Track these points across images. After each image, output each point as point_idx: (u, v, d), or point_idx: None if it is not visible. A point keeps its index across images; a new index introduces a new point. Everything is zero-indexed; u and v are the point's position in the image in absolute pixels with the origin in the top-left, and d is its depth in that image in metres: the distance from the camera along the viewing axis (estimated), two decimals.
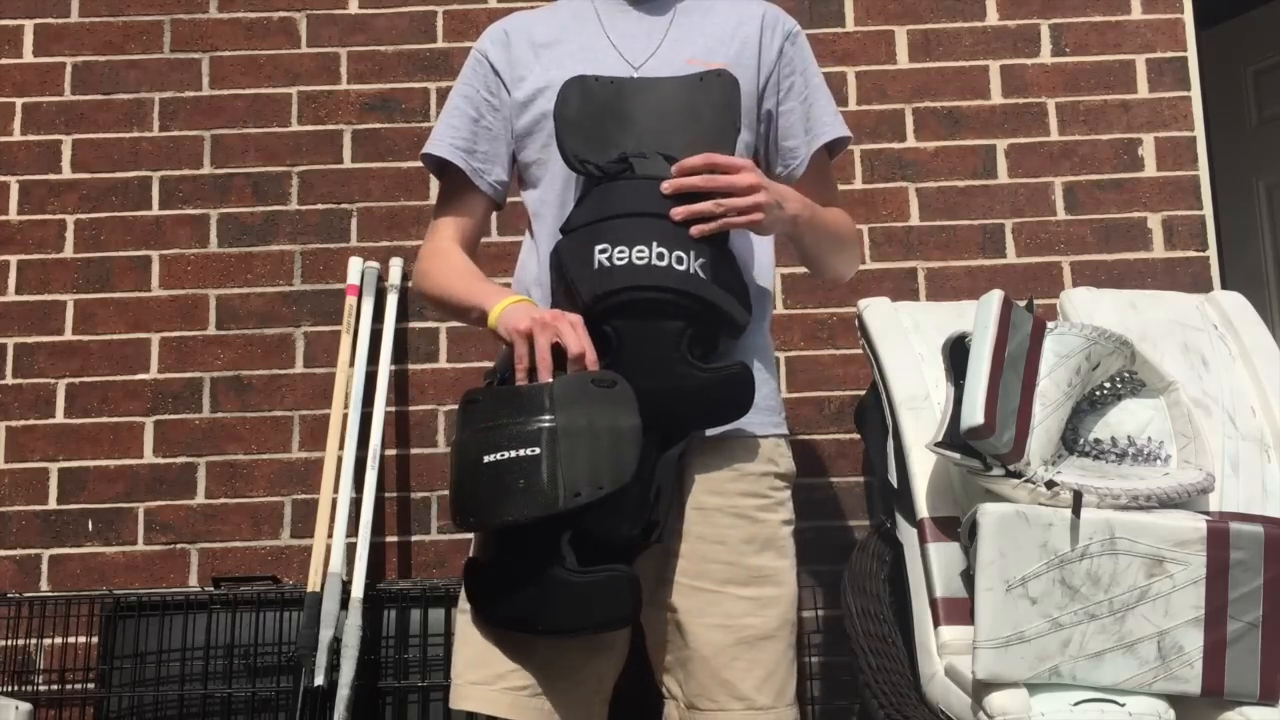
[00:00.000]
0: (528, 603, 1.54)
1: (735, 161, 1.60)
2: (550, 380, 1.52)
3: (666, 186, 1.58)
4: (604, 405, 1.51)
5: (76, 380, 2.75)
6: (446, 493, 2.66)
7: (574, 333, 1.54)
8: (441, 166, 1.82)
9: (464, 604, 1.70)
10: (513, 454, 1.50)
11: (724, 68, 1.71)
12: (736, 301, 1.61)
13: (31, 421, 2.74)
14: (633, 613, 1.57)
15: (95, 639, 2.54)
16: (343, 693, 2.28)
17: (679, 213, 1.57)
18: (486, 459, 1.51)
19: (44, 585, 2.66)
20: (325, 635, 2.33)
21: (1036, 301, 2.16)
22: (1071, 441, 2.02)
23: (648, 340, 1.56)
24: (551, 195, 1.75)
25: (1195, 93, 2.86)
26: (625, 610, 1.55)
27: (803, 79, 1.82)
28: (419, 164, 1.89)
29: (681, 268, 1.55)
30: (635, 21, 1.79)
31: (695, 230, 1.57)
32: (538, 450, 1.49)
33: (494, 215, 2.11)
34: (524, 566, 1.54)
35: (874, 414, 2.23)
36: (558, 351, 1.54)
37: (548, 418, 1.50)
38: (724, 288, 1.59)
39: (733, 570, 1.64)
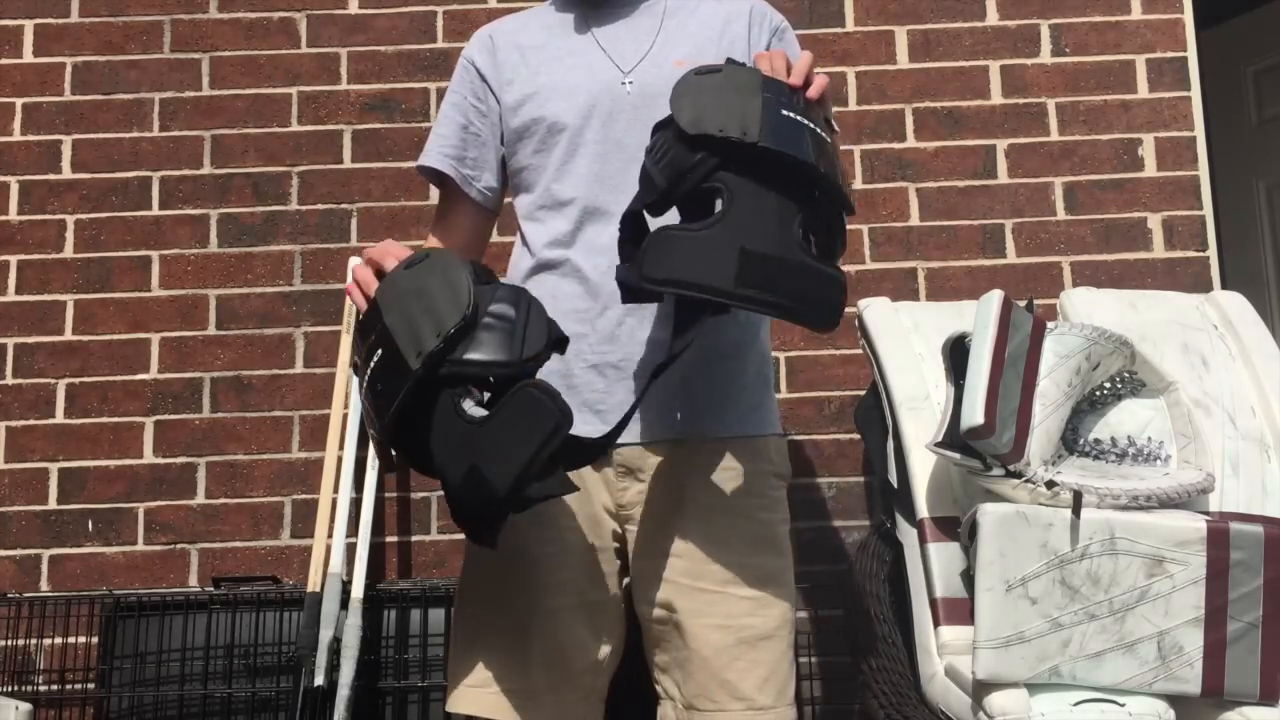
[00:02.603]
0: (469, 477, 1.43)
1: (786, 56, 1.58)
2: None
3: (794, 77, 1.53)
4: (424, 273, 1.49)
5: (76, 380, 2.75)
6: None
7: (379, 250, 1.54)
8: (438, 176, 1.83)
9: (459, 606, 1.70)
10: (370, 368, 1.48)
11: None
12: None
13: (31, 421, 2.74)
14: (563, 416, 1.41)
15: (95, 639, 2.54)
16: (343, 693, 2.28)
17: (796, 79, 1.52)
18: (364, 385, 1.50)
19: (44, 585, 2.66)
20: (325, 635, 2.33)
21: (1036, 301, 2.16)
22: (1071, 441, 2.03)
23: (765, 203, 1.46)
24: (543, 200, 1.74)
25: (1195, 93, 2.86)
26: (555, 417, 1.40)
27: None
28: (417, 162, 1.89)
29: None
30: (622, 25, 1.79)
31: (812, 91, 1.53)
32: (380, 350, 1.47)
33: None
34: (441, 445, 1.45)
35: (874, 414, 2.23)
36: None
37: (379, 319, 1.48)
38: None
39: (733, 571, 1.64)
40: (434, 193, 2.75)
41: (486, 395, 1.51)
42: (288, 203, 2.82)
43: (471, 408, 1.44)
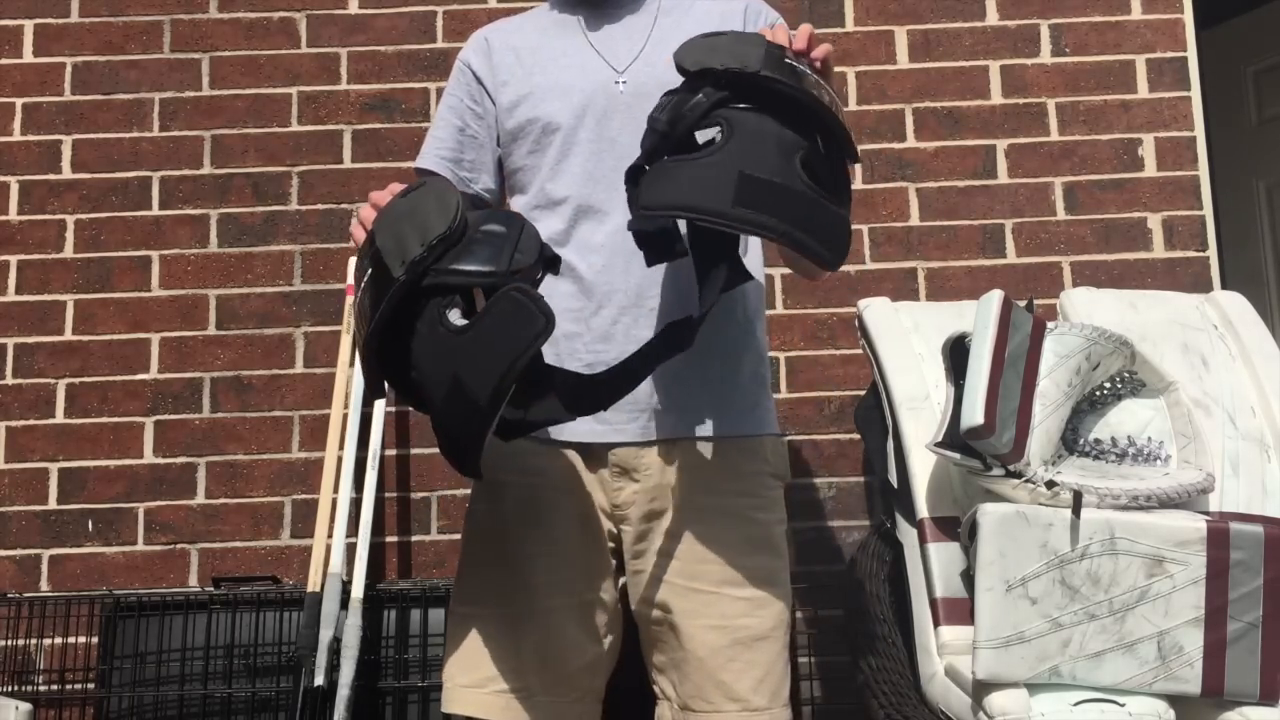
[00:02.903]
0: (454, 392, 1.40)
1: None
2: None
3: (799, 39, 1.54)
4: (413, 195, 1.50)
5: (76, 380, 2.75)
6: (447, 493, 2.70)
7: (384, 191, 1.56)
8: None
9: (454, 606, 1.70)
10: (363, 285, 1.49)
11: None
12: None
13: (31, 421, 2.74)
14: (546, 322, 1.37)
15: (95, 639, 2.54)
16: (343, 693, 2.28)
17: (800, 42, 1.53)
18: (355, 311, 1.51)
19: (44, 585, 2.66)
20: (325, 635, 2.33)
21: (1036, 301, 2.16)
22: (1071, 441, 2.03)
23: (765, 134, 1.45)
24: (537, 200, 1.75)
25: (1195, 93, 2.86)
26: (538, 324, 1.37)
27: None
28: (414, 164, 1.89)
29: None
30: (617, 25, 1.79)
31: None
32: (370, 269, 1.48)
33: None
34: (430, 355, 1.44)
35: (874, 414, 2.23)
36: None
37: (370, 243, 1.49)
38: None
39: (729, 571, 1.64)
40: None
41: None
42: (288, 203, 2.82)
43: (457, 318, 1.41)
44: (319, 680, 2.30)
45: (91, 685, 2.52)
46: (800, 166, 1.44)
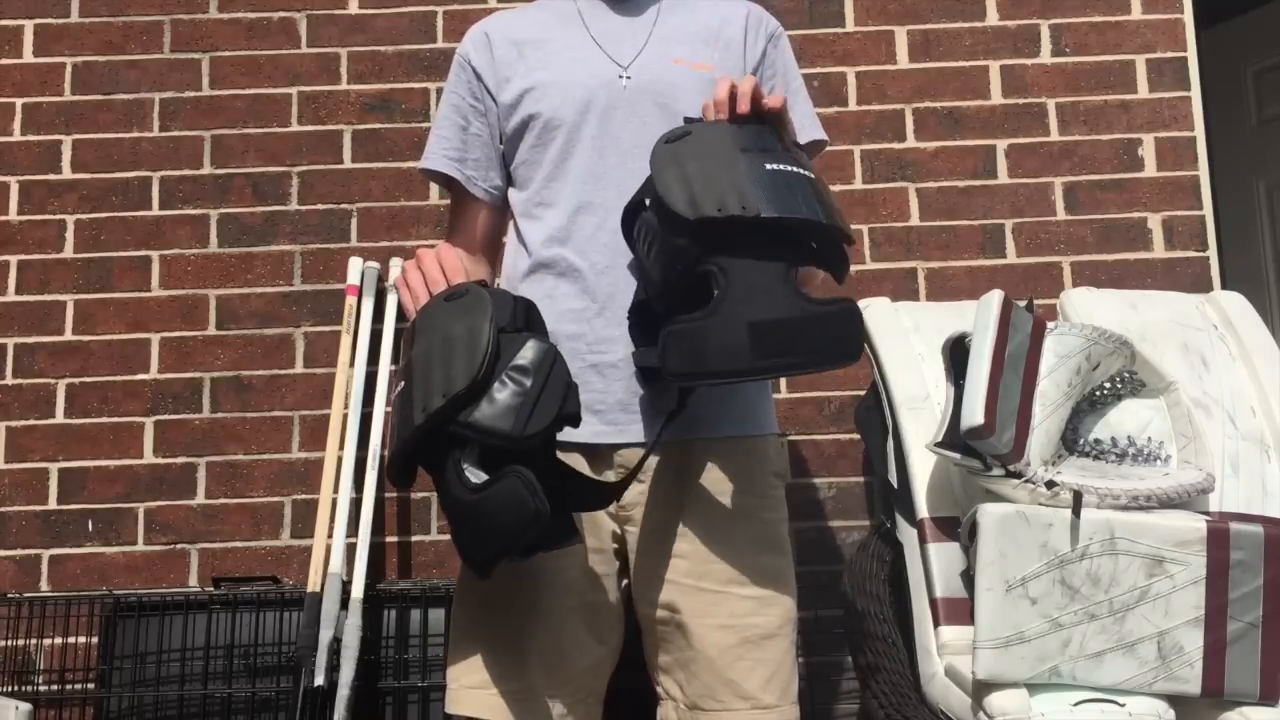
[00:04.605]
0: (461, 534, 1.48)
1: (731, 79, 1.59)
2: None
3: (741, 103, 1.55)
4: (456, 314, 1.49)
5: (76, 380, 2.75)
6: None
7: (431, 259, 1.55)
8: (444, 176, 1.83)
9: (458, 607, 1.70)
10: (395, 395, 1.51)
11: (711, 71, 1.72)
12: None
13: (31, 421, 2.74)
14: (535, 511, 1.41)
15: (95, 639, 2.54)
16: (343, 693, 2.28)
17: (743, 105, 1.55)
18: (389, 406, 1.52)
19: (44, 585, 2.66)
20: (325, 635, 2.33)
21: (1036, 301, 2.16)
22: (1071, 441, 2.02)
23: (760, 270, 1.48)
24: (539, 197, 1.74)
25: (1195, 93, 2.86)
26: (527, 512, 1.41)
27: (783, 81, 1.83)
28: (419, 164, 1.89)
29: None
30: (619, 21, 1.79)
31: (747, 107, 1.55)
32: (403, 383, 1.49)
33: None
34: (447, 501, 1.48)
35: (874, 414, 2.23)
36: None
37: (408, 349, 1.50)
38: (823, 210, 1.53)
39: (736, 570, 1.64)
40: (434, 192, 2.77)
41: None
42: (288, 203, 2.82)
43: (473, 472, 1.45)
44: (319, 680, 2.30)
45: (91, 685, 2.52)
46: (794, 280, 1.49)
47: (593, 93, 1.72)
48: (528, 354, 1.47)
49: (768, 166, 1.50)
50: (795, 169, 1.52)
